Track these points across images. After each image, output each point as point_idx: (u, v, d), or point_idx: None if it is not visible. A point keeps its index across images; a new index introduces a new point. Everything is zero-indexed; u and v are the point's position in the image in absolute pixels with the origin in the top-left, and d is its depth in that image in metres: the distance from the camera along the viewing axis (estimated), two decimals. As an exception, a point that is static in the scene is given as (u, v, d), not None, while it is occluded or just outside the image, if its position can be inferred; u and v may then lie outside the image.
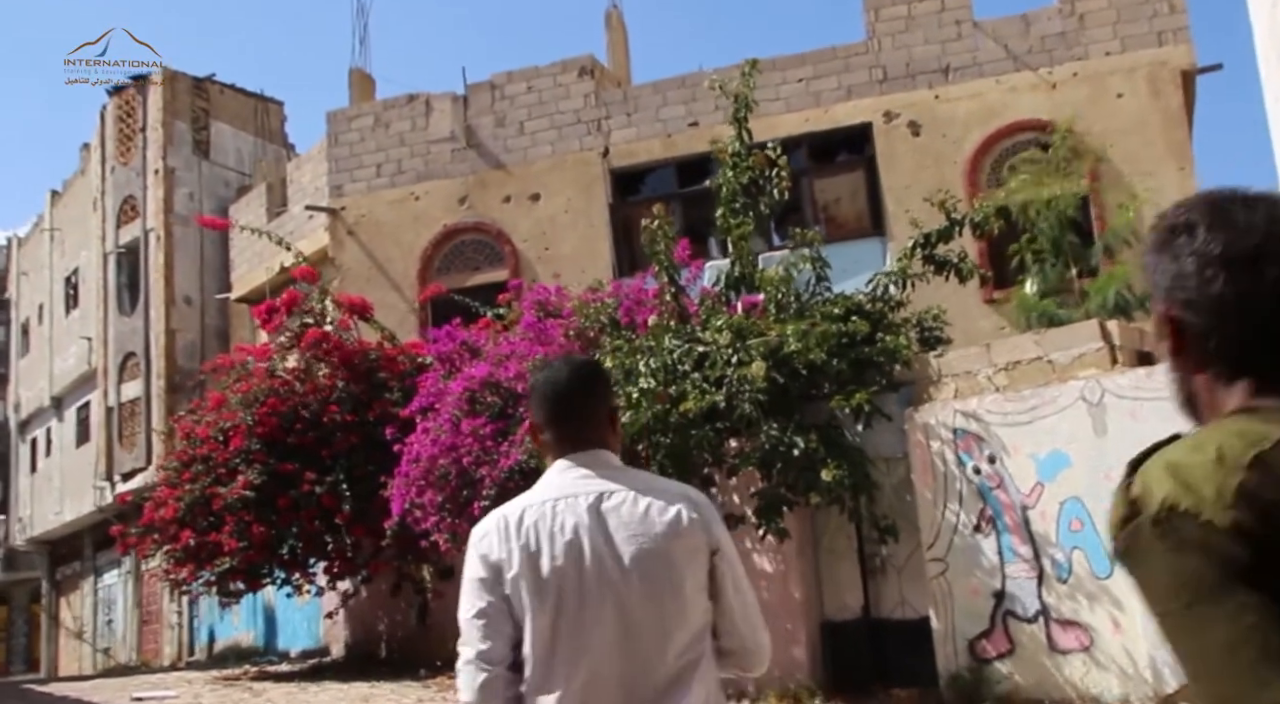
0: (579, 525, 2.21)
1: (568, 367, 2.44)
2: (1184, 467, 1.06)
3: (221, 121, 23.88)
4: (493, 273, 16.32)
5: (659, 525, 2.21)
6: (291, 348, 13.31)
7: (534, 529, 2.21)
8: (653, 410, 8.34)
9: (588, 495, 2.24)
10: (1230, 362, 1.16)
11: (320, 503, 12.36)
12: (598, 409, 2.38)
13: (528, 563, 2.18)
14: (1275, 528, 0.99)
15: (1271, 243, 1.12)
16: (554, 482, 2.30)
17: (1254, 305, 1.13)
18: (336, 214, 16.98)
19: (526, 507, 2.27)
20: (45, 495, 27.72)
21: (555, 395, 2.36)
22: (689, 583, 2.22)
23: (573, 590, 2.18)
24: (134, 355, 22.90)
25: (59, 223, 27.66)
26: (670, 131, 16.17)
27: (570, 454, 2.31)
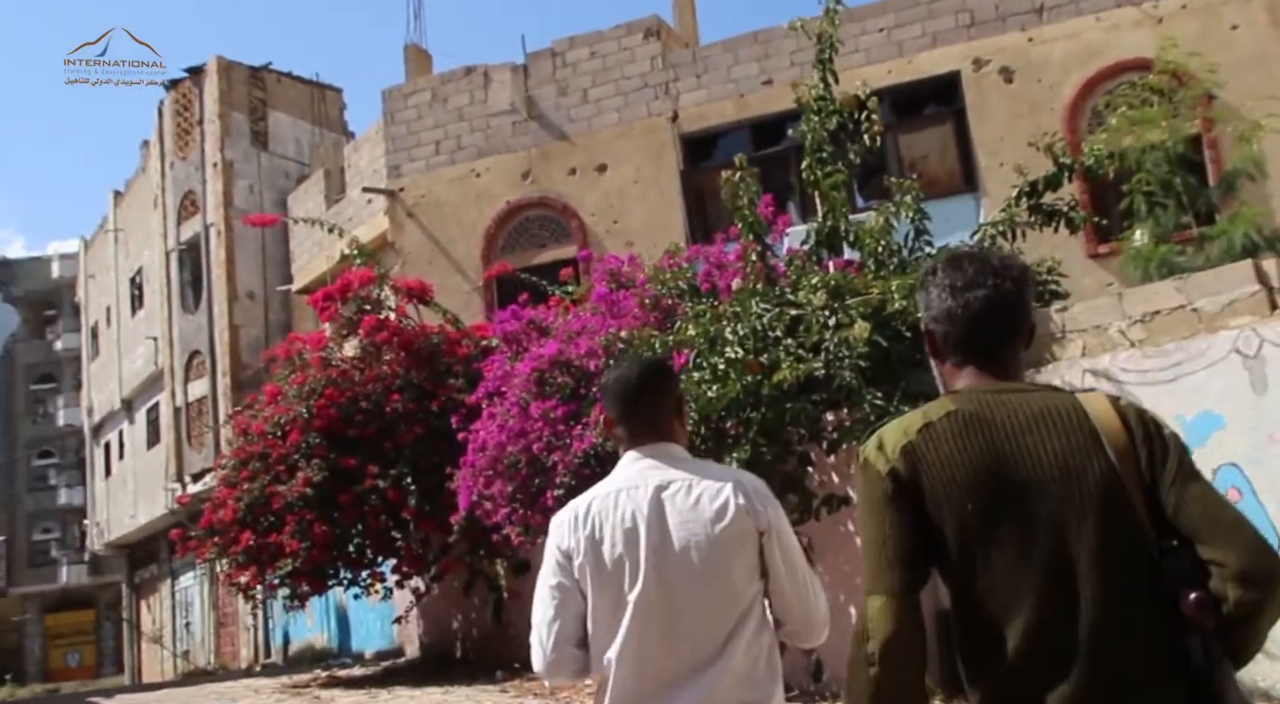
0: (638, 514, 2.39)
1: (636, 366, 2.62)
2: (884, 434, 1.88)
3: (279, 111, 23.35)
4: (560, 249, 15.44)
5: (708, 512, 2.38)
6: (349, 336, 12.54)
7: (599, 518, 2.42)
8: (742, 382, 7.34)
9: (649, 486, 2.42)
10: (956, 355, 1.94)
11: (385, 498, 11.59)
12: (664, 405, 2.56)
13: (592, 550, 2.39)
14: (918, 472, 1.78)
15: (975, 279, 1.90)
16: (622, 473, 2.50)
17: (965, 316, 1.90)
18: (395, 195, 16.23)
19: (595, 497, 2.47)
20: (120, 499, 27.58)
21: (624, 393, 2.55)
22: (736, 564, 2.37)
23: (629, 574, 2.36)
24: (199, 353, 22.49)
25: (122, 223, 27.45)
26: (743, 91, 15.13)
27: (639, 447, 2.50)
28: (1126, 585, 1.70)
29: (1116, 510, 1.72)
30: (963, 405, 1.84)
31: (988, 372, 1.89)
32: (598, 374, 9.20)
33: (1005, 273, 1.91)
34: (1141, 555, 1.71)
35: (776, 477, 7.88)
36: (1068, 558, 1.70)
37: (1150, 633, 1.69)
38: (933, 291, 1.95)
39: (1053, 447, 1.76)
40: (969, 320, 1.90)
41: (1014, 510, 1.72)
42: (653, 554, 2.35)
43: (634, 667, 2.35)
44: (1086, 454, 1.75)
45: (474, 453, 9.46)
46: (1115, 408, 1.81)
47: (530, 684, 10.59)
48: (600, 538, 2.37)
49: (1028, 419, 1.79)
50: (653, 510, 2.38)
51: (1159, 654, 1.69)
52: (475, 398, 10.12)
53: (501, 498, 9.36)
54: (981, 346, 1.91)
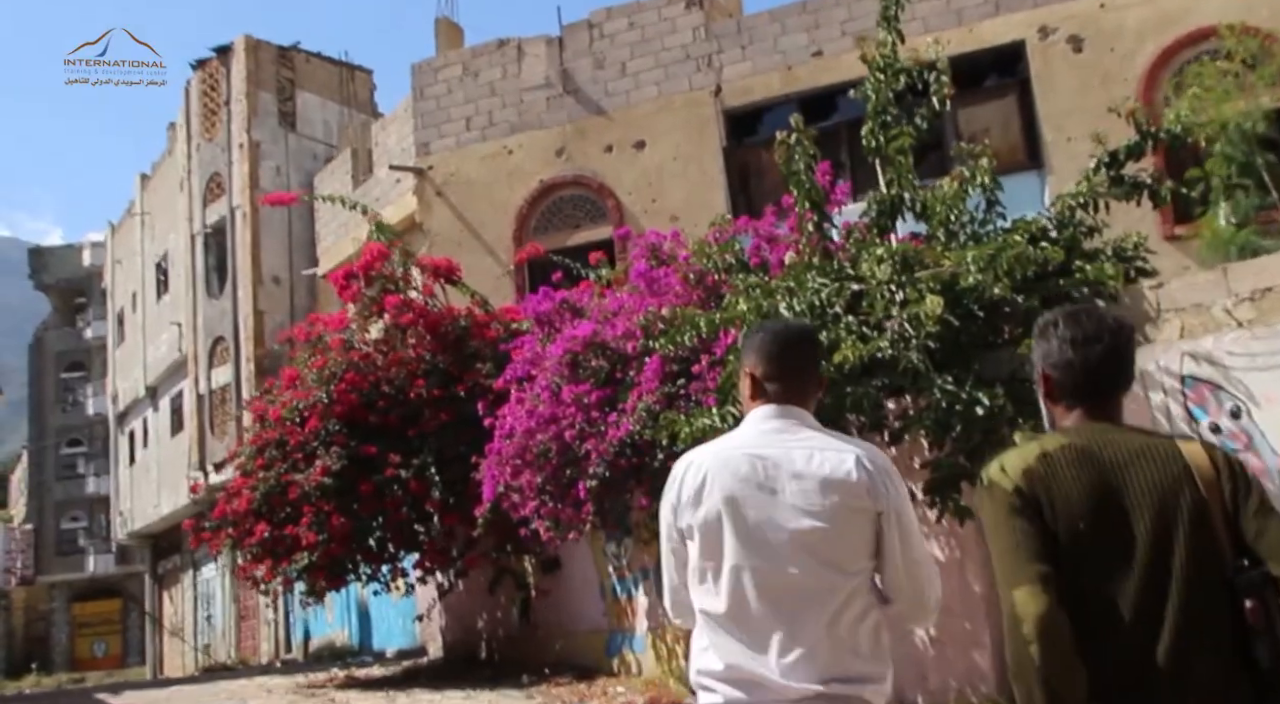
0: (754, 476, 2.36)
1: (793, 326, 2.80)
2: (1004, 460, 2.12)
3: (308, 92, 22.73)
4: (595, 230, 14.67)
5: (825, 482, 2.35)
6: (371, 317, 11.83)
7: (714, 475, 2.37)
8: (801, 363, 6.54)
9: (772, 448, 2.40)
10: (1072, 400, 2.21)
11: (407, 489, 10.88)
12: (811, 370, 2.59)
13: (701, 505, 2.36)
14: (1037, 491, 2.04)
15: (1094, 334, 2.19)
16: (748, 432, 2.47)
17: (1085, 367, 2.19)
18: (423, 173, 15.52)
19: (715, 452, 2.43)
20: (144, 488, 27.12)
21: (779, 350, 2.52)
22: (846, 538, 2.34)
23: (733, 537, 2.34)
24: (223, 339, 21.92)
25: (149, 207, 26.97)
26: (791, 63, 14.29)
27: (775, 405, 2.46)
28: (1206, 595, 2.03)
29: (1202, 533, 2.07)
30: (1074, 440, 2.13)
31: (1095, 414, 2.21)
32: (635, 357, 8.44)
33: (1120, 330, 2.25)
34: (1220, 572, 2.05)
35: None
36: (1160, 570, 2.03)
37: (1223, 635, 2.03)
38: (1054, 342, 2.24)
39: (1151, 479, 2.10)
40: (1087, 371, 2.21)
41: (1118, 529, 2.05)
42: (765, 518, 2.34)
43: (732, 632, 2.33)
44: (1179, 486, 2.10)
45: (500, 440, 8.72)
46: (1207, 450, 2.17)
47: (559, 689, 9.89)
48: (711, 494, 2.35)
49: (1130, 454, 2.13)
50: (771, 473, 2.36)
51: (1230, 654, 2.03)
52: (503, 382, 9.39)
53: (530, 489, 8.62)
54: (1095, 393, 2.22)
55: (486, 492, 8.77)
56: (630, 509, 8.69)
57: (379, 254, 11.77)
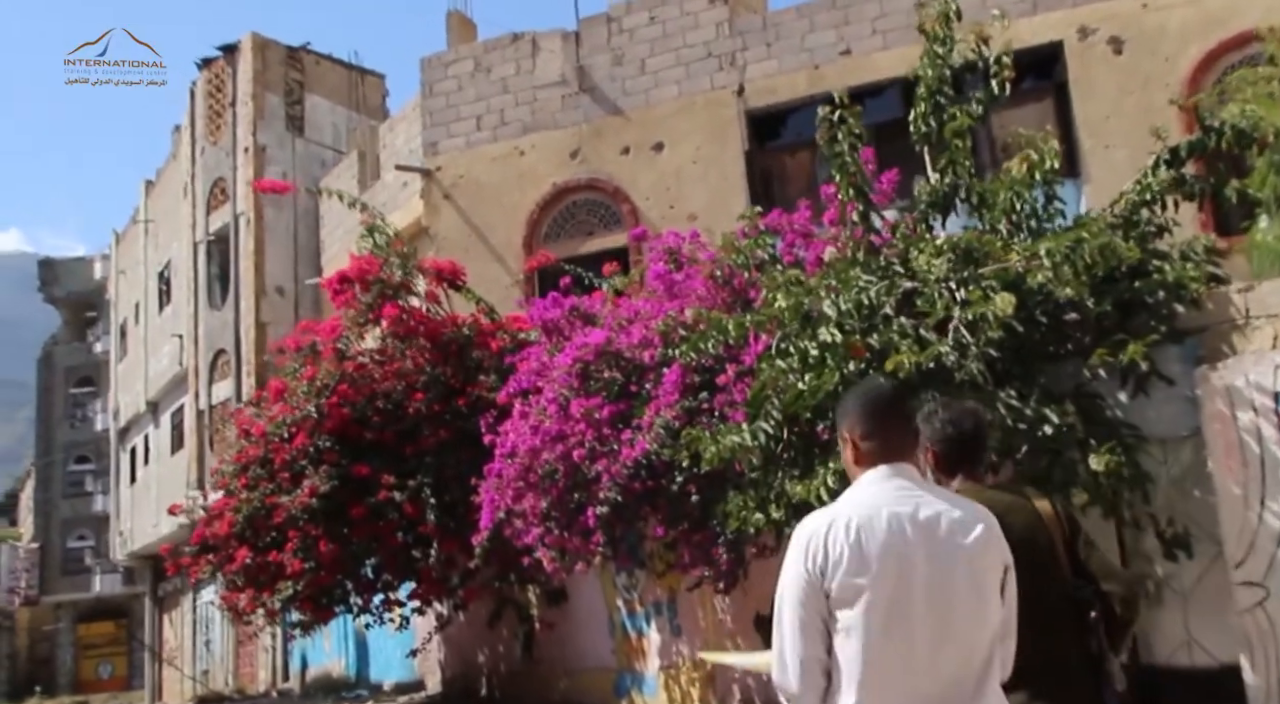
0: (904, 537, 2.35)
1: (888, 384, 2.86)
2: None
3: (317, 95, 21.98)
4: (609, 237, 13.77)
5: (971, 541, 2.40)
6: (367, 324, 10.94)
7: (862, 535, 2.34)
8: (842, 371, 5.62)
9: (907, 508, 2.40)
10: (951, 468, 3.17)
11: (403, 512, 9.95)
12: (912, 427, 2.66)
13: (857, 567, 2.31)
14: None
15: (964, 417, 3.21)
16: (874, 491, 2.45)
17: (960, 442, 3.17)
18: (430, 175, 14.66)
19: (852, 513, 2.39)
20: (144, 507, 26.28)
21: (883, 408, 2.56)
22: (991, 595, 2.43)
23: (899, 599, 2.31)
24: (225, 352, 21.10)
25: (153, 214, 26.25)
26: (818, 62, 13.40)
27: (889, 464, 2.48)
28: (1062, 605, 3.04)
29: (1055, 563, 3.07)
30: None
31: (971, 478, 3.21)
32: (653, 367, 7.52)
33: (980, 417, 3.34)
34: (1067, 590, 3.06)
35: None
36: (1033, 589, 2.69)
37: (1073, 635, 3.07)
38: (937, 425, 3.18)
39: (1021, 524, 2.97)
40: (964, 446, 3.21)
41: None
42: (925, 581, 2.33)
43: (895, 694, 2.32)
44: (1036, 530, 3.09)
45: (501, 460, 7.79)
46: (1050, 503, 3.27)
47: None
48: (866, 556, 2.32)
49: (1004, 508, 2.85)
50: (916, 534, 2.37)
51: (1076, 647, 3.07)
52: (506, 396, 8.47)
53: (533, 515, 7.69)
54: (972, 463, 3.25)
55: (485, 517, 7.83)
56: (644, 538, 7.75)
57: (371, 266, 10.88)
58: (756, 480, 6.05)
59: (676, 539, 7.32)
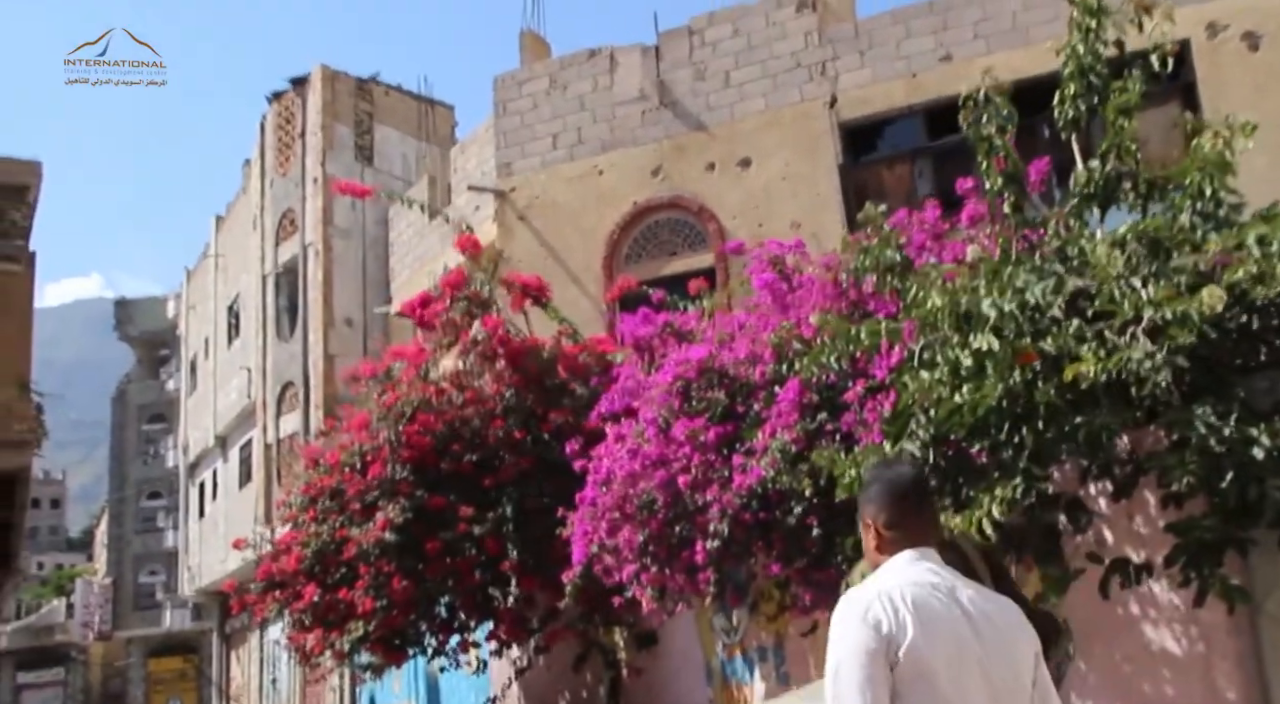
0: (955, 614, 2.39)
1: (910, 468, 2.80)
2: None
3: (386, 126, 21.67)
4: (693, 258, 13.08)
5: (1010, 624, 2.47)
6: (450, 346, 10.30)
7: (920, 611, 2.36)
8: (1007, 382, 4.80)
9: (950, 589, 2.45)
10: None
11: (481, 547, 9.25)
12: (936, 510, 2.85)
13: (923, 642, 2.32)
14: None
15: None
16: (911, 573, 2.47)
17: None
18: (504, 196, 14.11)
19: (903, 588, 2.41)
20: (212, 542, 25.95)
21: (908, 493, 2.60)
22: (1025, 680, 2.44)
23: (957, 675, 2.33)
24: (292, 385, 20.70)
25: (223, 248, 26.13)
26: (916, 70, 12.64)
27: (916, 547, 2.53)
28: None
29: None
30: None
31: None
32: (762, 385, 6.75)
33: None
34: None
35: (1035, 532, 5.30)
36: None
37: None
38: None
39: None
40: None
41: None
42: (978, 658, 2.34)
43: None
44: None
45: (595, 489, 7.03)
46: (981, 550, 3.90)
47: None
48: (927, 630, 2.32)
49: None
50: (962, 613, 2.40)
51: None
52: (596, 419, 7.75)
53: (629, 550, 6.91)
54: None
55: (577, 552, 7.05)
56: (754, 576, 6.93)
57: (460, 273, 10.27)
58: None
59: (792, 577, 6.50)
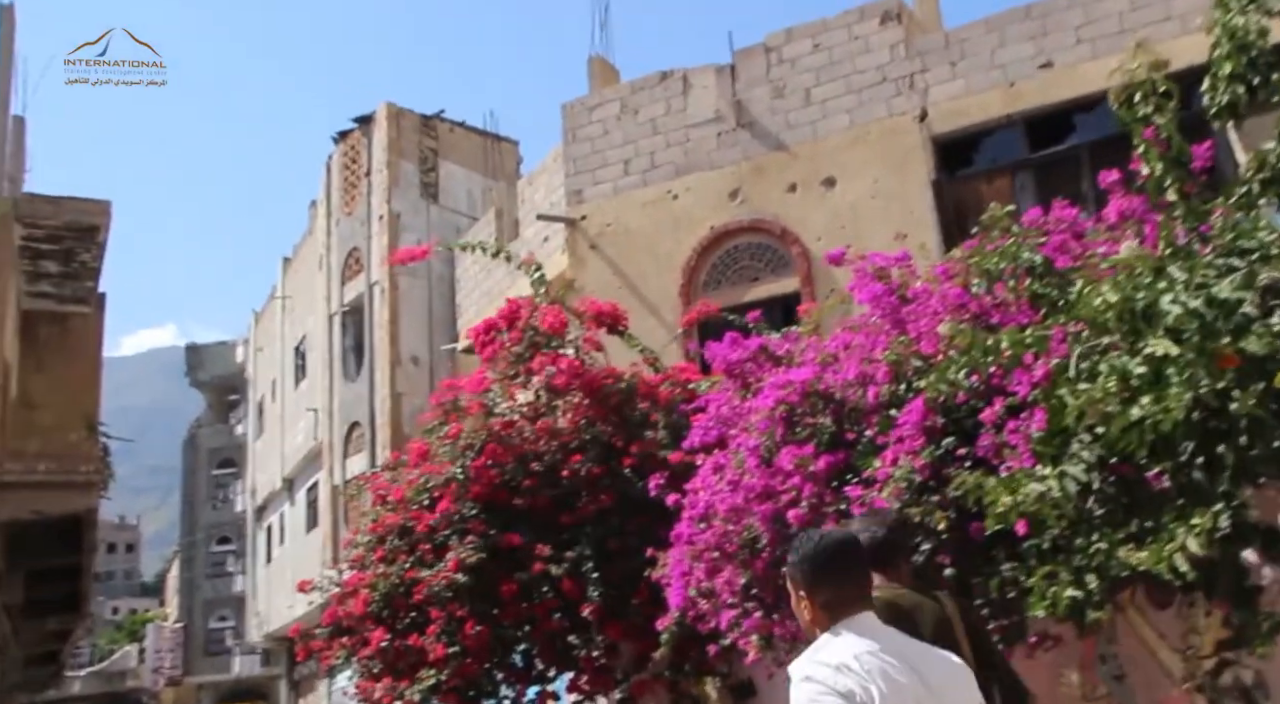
0: (911, 681, 2.43)
1: (833, 541, 2.72)
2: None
3: (451, 162, 21.37)
4: (776, 283, 12.40)
5: (960, 682, 2.57)
6: (517, 377, 9.71)
7: (881, 675, 2.40)
8: (1196, 391, 4.03)
9: (899, 655, 2.48)
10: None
11: (559, 590, 8.58)
12: (866, 572, 2.74)
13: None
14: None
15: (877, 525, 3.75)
16: (853, 640, 2.51)
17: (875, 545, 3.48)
18: (575, 224, 13.57)
19: (854, 656, 2.46)
20: (280, 586, 25.55)
21: (833, 561, 2.63)
22: None
23: None
24: (359, 425, 20.29)
25: (290, 289, 25.98)
26: (1013, 79, 11.89)
27: (851, 617, 2.56)
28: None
29: (956, 651, 2.96)
30: (882, 595, 3.25)
31: (888, 576, 3.58)
32: (875, 409, 6.02)
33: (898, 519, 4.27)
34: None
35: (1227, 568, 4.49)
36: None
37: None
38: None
39: (932, 622, 3.40)
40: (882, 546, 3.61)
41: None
42: None
43: None
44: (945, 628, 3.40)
45: (691, 526, 6.32)
46: (953, 601, 3.76)
47: None
48: (890, 695, 2.36)
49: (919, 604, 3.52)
50: (916, 675, 2.44)
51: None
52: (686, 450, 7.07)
53: (730, 593, 6.17)
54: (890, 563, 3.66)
55: (674, 596, 6.31)
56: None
57: (526, 303, 9.71)
58: (1060, 545, 4.47)
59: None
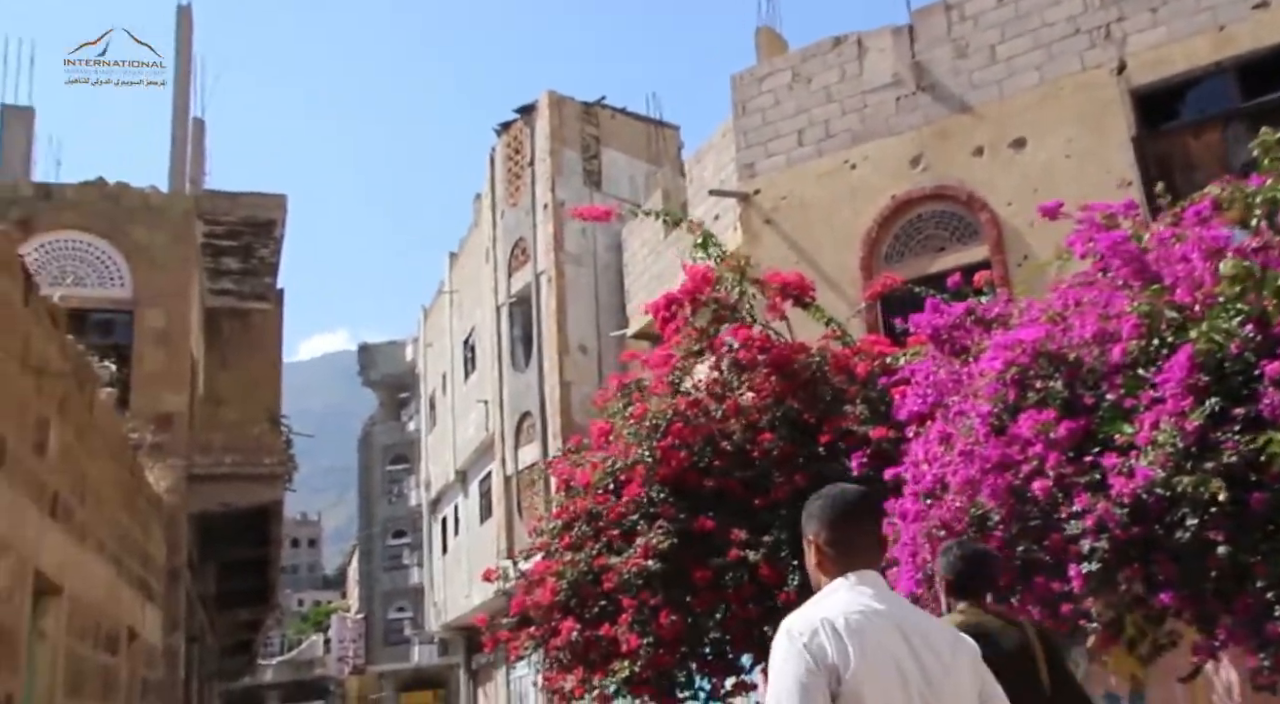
0: (893, 640, 2.34)
1: (856, 490, 2.63)
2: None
3: (613, 149, 21.20)
4: (964, 251, 11.66)
5: (951, 646, 2.44)
6: (701, 354, 9.34)
7: (860, 636, 2.31)
8: None
9: (891, 616, 2.39)
10: (959, 594, 3.87)
11: (756, 576, 8.16)
12: (880, 532, 2.64)
13: (865, 671, 2.27)
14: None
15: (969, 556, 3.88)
16: (851, 597, 2.41)
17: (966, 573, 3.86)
18: (748, 199, 13.12)
19: (844, 614, 2.35)
20: (456, 578, 25.97)
21: (852, 514, 2.53)
22: (971, 697, 2.44)
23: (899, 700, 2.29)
24: (529, 415, 20.33)
25: (457, 284, 26.33)
26: (1223, 22, 10.85)
27: (856, 572, 2.46)
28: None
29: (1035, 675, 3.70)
30: (968, 619, 3.60)
31: (974, 603, 3.81)
32: (1119, 369, 5.39)
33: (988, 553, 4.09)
34: (1044, 698, 3.68)
35: None
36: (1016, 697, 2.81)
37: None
38: (952, 559, 3.86)
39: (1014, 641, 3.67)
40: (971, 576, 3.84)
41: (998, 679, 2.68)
42: (916, 681, 2.32)
43: None
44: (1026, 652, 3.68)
45: (916, 502, 5.80)
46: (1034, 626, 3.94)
47: None
48: (868, 657, 2.29)
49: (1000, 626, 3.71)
50: (903, 637, 2.36)
51: None
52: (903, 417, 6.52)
53: (958, 577, 5.62)
54: (974, 590, 3.83)
55: (904, 580, 5.80)
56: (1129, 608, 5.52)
57: (706, 275, 9.33)
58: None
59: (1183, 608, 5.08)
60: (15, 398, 5.38)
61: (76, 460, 6.91)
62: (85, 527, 7.26)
